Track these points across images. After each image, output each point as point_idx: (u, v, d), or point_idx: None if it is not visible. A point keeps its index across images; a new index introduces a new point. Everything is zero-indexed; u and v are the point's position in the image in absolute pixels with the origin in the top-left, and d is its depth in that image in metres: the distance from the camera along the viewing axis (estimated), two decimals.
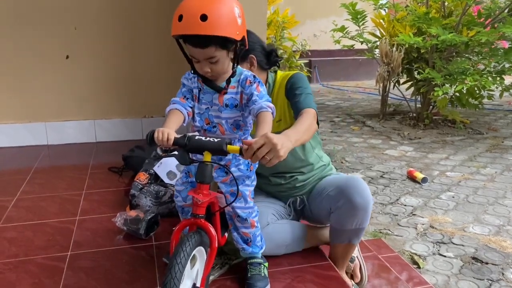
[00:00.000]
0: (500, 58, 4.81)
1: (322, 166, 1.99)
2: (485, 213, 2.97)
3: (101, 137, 3.69)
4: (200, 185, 1.40)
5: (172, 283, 1.22)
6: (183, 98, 1.57)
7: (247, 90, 1.52)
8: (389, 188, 3.41)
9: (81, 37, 3.50)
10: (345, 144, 4.66)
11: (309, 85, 1.81)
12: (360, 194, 1.72)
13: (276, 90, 1.86)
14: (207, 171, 1.39)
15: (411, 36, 4.78)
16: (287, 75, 1.84)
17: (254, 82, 1.52)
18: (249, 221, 1.65)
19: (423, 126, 5.23)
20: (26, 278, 1.75)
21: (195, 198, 1.39)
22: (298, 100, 1.74)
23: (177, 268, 1.23)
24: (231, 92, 1.54)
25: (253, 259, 1.70)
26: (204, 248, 1.41)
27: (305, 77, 1.83)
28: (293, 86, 1.79)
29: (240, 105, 1.55)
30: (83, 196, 2.56)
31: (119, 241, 2.05)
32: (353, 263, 1.96)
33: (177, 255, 1.25)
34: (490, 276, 2.24)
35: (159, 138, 1.36)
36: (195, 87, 1.58)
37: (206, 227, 1.41)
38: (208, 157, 1.38)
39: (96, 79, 3.61)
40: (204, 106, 1.57)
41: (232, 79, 1.53)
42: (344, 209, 1.75)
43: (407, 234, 2.70)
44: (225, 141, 1.36)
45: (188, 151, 1.40)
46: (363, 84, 8.72)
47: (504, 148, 4.48)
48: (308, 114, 1.66)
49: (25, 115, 3.54)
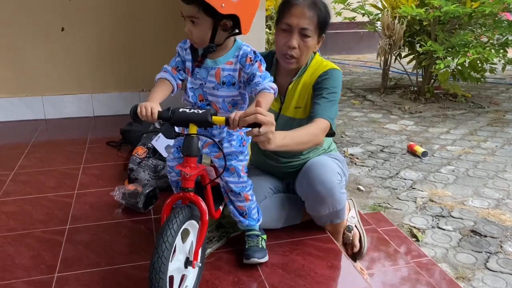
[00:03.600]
0: (504, 30, 4.73)
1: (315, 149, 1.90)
2: (485, 186, 2.97)
3: (99, 111, 3.66)
4: (187, 158, 1.38)
5: (159, 262, 1.20)
6: (175, 69, 1.54)
7: (248, 69, 1.47)
8: (389, 162, 3.40)
9: (76, 9, 3.42)
10: (346, 118, 4.63)
11: (339, 88, 1.73)
12: (320, 182, 1.67)
13: (307, 75, 1.76)
14: (193, 144, 1.36)
15: (413, 7, 4.68)
16: (324, 66, 1.75)
17: (255, 60, 1.47)
18: (243, 195, 1.63)
19: (424, 100, 5.19)
20: (25, 251, 1.75)
21: (183, 172, 1.37)
22: (319, 103, 1.66)
23: (164, 247, 1.21)
24: (228, 68, 1.49)
25: (251, 232, 1.70)
26: (196, 221, 1.40)
27: (339, 78, 1.74)
28: (323, 83, 1.71)
29: (237, 83, 1.50)
30: (81, 170, 2.55)
31: (117, 214, 2.05)
32: (351, 232, 1.95)
33: (163, 233, 1.23)
34: (489, 249, 2.25)
35: (142, 113, 1.34)
36: (189, 59, 1.53)
37: (196, 200, 1.39)
38: (193, 129, 1.35)
39: (93, 51, 3.55)
40: (198, 81, 1.53)
41: (229, 52, 1.48)
42: (311, 199, 1.74)
43: (406, 207, 2.70)
44: (210, 112, 1.32)
45: (173, 124, 1.37)
46: (364, 57, 8.62)
47: (505, 122, 4.46)
48: (317, 124, 1.60)
49: (22, 89, 3.50)
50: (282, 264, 1.67)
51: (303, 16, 1.64)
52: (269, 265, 1.66)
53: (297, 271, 1.63)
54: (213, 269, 1.63)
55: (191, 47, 1.51)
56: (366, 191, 2.92)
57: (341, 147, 3.68)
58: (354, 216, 2.02)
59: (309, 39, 1.67)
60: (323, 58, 1.81)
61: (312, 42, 1.69)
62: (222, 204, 1.74)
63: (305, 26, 1.64)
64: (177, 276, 1.36)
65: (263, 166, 1.97)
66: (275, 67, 1.82)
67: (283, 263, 1.67)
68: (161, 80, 1.51)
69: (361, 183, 3.04)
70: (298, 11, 1.64)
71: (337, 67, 1.77)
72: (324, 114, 1.64)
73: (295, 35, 1.66)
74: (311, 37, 1.67)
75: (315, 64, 1.78)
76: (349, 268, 1.70)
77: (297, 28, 1.65)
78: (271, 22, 4.39)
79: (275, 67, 1.82)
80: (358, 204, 2.29)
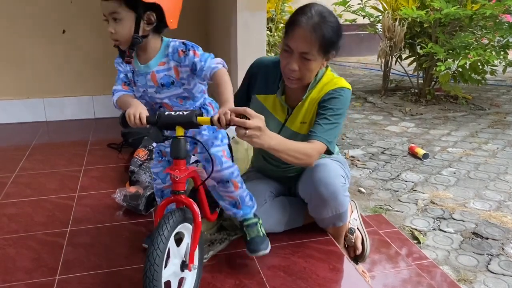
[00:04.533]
0: (505, 32, 4.73)
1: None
2: (486, 188, 2.96)
3: (100, 113, 3.66)
4: (176, 161, 1.37)
5: (152, 270, 1.19)
6: (125, 85, 1.51)
7: (185, 61, 1.42)
8: (390, 164, 3.40)
9: (77, 11, 3.43)
10: (346, 120, 4.62)
11: (345, 110, 1.68)
12: (324, 185, 1.66)
13: (316, 91, 1.71)
14: (181, 146, 1.35)
15: (414, 9, 4.69)
16: (334, 84, 1.68)
17: (188, 50, 1.42)
18: (231, 182, 1.58)
19: (425, 102, 5.18)
20: (26, 253, 1.75)
21: (172, 175, 1.35)
22: (321, 124, 1.63)
23: (155, 254, 1.20)
24: (162, 69, 1.45)
25: (248, 221, 1.66)
26: (189, 223, 1.38)
27: (347, 98, 1.68)
28: (329, 102, 1.65)
29: (177, 81, 1.46)
30: (83, 172, 2.55)
31: (118, 217, 2.05)
32: (353, 235, 1.94)
33: (154, 240, 1.22)
34: (490, 251, 2.25)
35: (131, 121, 1.33)
36: (128, 70, 1.50)
37: (188, 202, 1.37)
38: (180, 132, 1.34)
39: (94, 53, 3.55)
40: (141, 89, 1.50)
41: (159, 53, 1.44)
42: (314, 201, 1.73)
43: (408, 209, 2.69)
44: (195, 112, 1.31)
45: (160, 128, 1.36)
46: (365, 59, 8.62)
47: (506, 124, 4.45)
48: (313, 146, 1.59)
49: (23, 91, 3.50)
50: (284, 266, 1.67)
51: (304, 40, 1.56)
52: (270, 268, 1.66)
53: (298, 274, 1.62)
54: (215, 272, 1.62)
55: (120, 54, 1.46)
56: (367, 193, 2.92)
57: (342, 149, 3.67)
58: (356, 218, 2.01)
59: (310, 62, 1.59)
60: (334, 74, 1.74)
61: (315, 64, 1.61)
62: (218, 206, 1.73)
63: (305, 50, 1.57)
64: (175, 280, 1.36)
65: (264, 171, 1.97)
66: (283, 80, 1.75)
67: (285, 266, 1.67)
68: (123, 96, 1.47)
69: (362, 185, 3.04)
70: (300, 34, 1.56)
71: (348, 85, 1.70)
72: (322, 137, 1.62)
73: (296, 58, 1.59)
74: (312, 60, 1.59)
75: (326, 80, 1.71)
76: (350, 270, 1.70)
77: (297, 52, 1.58)
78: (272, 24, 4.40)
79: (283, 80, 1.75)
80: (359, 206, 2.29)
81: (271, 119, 1.75)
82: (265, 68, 1.80)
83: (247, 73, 1.87)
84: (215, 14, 3.50)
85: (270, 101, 1.78)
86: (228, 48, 2.97)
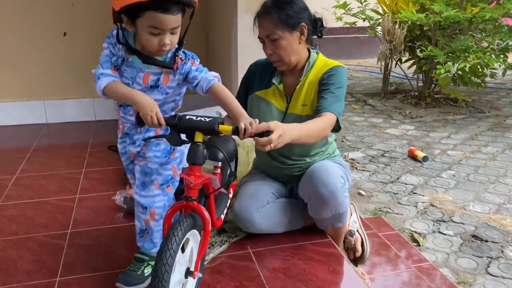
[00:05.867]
0: (504, 35, 4.74)
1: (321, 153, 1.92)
2: (486, 191, 2.97)
3: (100, 116, 3.67)
4: (192, 166, 1.35)
5: (160, 286, 1.17)
6: (114, 70, 1.43)
7: (182, 70, 1.43)
8: (390, 167, 3.40)
9: (78, 14, 3.45)
10: (346, 123, 4.63)
11: (345, 84, 1.77)
12: (324, 185, 1.68)
13: (313, 74, 1.81)
14: (200, 152, 1.34)
15: (414, 12, 4.70)
16: (328, 64, 1.80)
17: (186, 59, 1.43)
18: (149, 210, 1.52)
19: (424, 105, 5.19)
20: (27, 255, 1.75)
21: (187, 180, 1.33)
22: (326, 98, 1.70)
23: (163, 270, 1.17)
24: (156, 72, 1.43)
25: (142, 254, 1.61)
26: (197, 230, 1.36)
27: (345, 75, 1.78)
28: (330, 78, 1.75)
29: (162, 88, 1.44)
30: (83, 174, 2.56)
31: (119, 219, 2.05)
32: (353, 237, 1.95)
33: (162, 255, 1.19)
34: (490, 254, 2.25)
35: (149, 123, 1.30)
36: (120, 56, 1.43)
37: (199, 210, 1.35)
38: (199, 138, 1.33)
39: (94, 56, 3.49)
40: (125, 80, 1.44)
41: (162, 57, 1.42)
42: (314, 201, 1.75)
43: (407, 212, 2.70)
44: (217, 120, 1.31)
45: (179, 131, 1.34)
46: (364, 62, 8.63)
47: (506, 126, 4.46)
48: (325, 119, 1.65)
49: (24, 93, 3.52)
50: (284, 268, 1.67)
51: (264, 25, 1.73)
52: (270, 270, 1.66)
53: (298, 276, 1.63)
54: (215, 274, 1.63)
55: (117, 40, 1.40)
56: (367, 196, 2.92)
57: (342, 151, 3.68)
58: (356, 220, 2.02)
59: (279, 41, 1.72)
60: (327, 58, 1.86)
61: (284, 41, 1.72)
62: (223, 212, 1.72)
63: (268, 33, 1.72)
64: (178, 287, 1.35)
65: (268, 169, 1.98)
66: (278, 71, 1.86)
67: (285, 268, 1.68)
68: (119, 85, 1.39)
69: (362, 187, 3.05)
70: (260, 23, 1.75)
71: (341, 64, 1.81)
72: (331, 108, 1.68)
73: (267, 43, 1.75)
74: (279, 38, 1.71)
75: (320, 63, 1.83)
76: (350, 272, 1.71)
77: (265, 38, 1.74)
78: None
79: (278, 71, 1.86)
80: (359, 208, 2.29)
81: (273, 109, 1.85)
82: (260, 67, 1.93)
83: (245, 76, 1.99)
84: (215, 17, 3.51)
85: (270, 94, 1.87)
86: (228, 51, 2.99)
